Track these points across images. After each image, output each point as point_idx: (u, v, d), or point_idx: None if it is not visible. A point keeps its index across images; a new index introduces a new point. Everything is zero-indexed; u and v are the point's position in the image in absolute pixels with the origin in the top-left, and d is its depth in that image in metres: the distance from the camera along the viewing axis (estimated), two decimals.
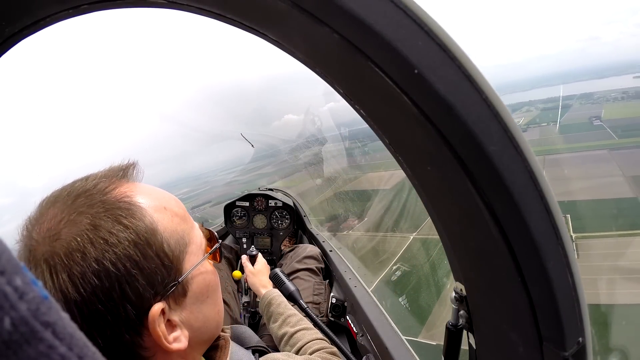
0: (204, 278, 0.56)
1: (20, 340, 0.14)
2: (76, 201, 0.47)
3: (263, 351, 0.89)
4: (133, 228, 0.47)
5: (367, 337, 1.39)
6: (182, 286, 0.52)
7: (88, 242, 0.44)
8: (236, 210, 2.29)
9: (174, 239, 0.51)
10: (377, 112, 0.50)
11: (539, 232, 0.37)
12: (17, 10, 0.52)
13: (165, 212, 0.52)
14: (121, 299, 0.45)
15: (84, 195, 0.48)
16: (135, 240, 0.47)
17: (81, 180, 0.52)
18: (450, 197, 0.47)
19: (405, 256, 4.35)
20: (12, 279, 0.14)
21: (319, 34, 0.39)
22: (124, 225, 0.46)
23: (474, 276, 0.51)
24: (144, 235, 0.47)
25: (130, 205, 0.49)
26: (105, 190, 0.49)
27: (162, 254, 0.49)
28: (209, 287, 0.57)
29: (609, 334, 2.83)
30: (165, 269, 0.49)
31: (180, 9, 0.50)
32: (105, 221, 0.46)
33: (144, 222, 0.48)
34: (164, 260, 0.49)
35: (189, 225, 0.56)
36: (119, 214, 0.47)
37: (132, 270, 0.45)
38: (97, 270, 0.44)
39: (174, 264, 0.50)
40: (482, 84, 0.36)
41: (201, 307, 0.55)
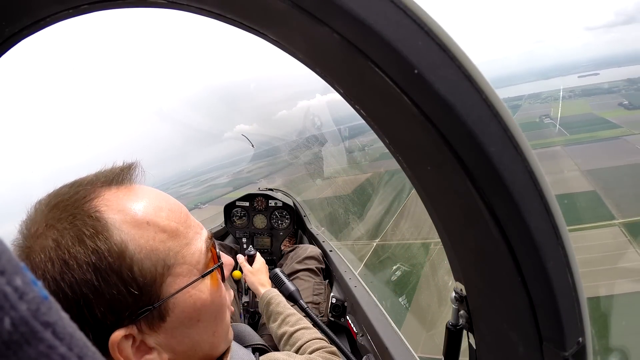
0: (194, 302, 0.50)
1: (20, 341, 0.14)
2: (51, 212, 0.45)
3: (263, 349, 0.89)
4: (95, 250, 0.43)
5: (367, 337, 1.39)
6: (159, 312, 0.47)
7: (49, 260, 0.42)
8: (236, 210, 2.29)
9: (150, 260, 0.46)
10: (377, 112, 0.50)
11: (539, 232, 0.37)
12: (17, 10, 0.52)
13: (147, 228, 0.47)
14: (80, 322, 0.43)
15: (59, 206, 0.45)
16: (96, 264, 0.42)
17: (67, 185, 0.49)
18: (450, 197, 0.47)
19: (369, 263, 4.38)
20: (12, 279, 0.14)
21: (319, 34, 0.39)
22: (84, 247, 0.42)
23: (474, 276, 0.51)
24: (107, 259, 0.43)
25: (97, 222, 0.44)
26: (82, 200, 0.46)
27: (129, 279, 0.44)
28: (201, 311, 0.51)
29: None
30: (132, 296, 0.44)
31: (180, 9, 0.50)
32: (67, 239, 0.43)
33: (110, 243, 0.44)
34: (131, 287, 0.44)
35: (182, 241, 0.50)
36: (84, 233, 0.43)
37: (90, 295, 0.42)
38: (55, 290, 0.41)
39: (144, 290, 0.45)
40: (482, 84, 0.36)
41: (188, 331, 0.50)
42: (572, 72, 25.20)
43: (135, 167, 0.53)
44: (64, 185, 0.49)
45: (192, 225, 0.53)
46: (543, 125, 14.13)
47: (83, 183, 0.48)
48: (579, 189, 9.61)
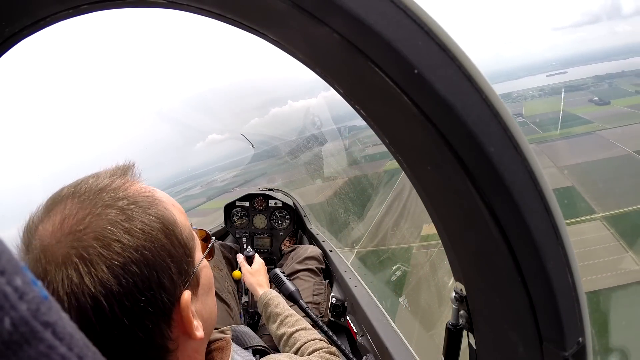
0: (207, 270, 0.58)
1: (20, 341, 0.14)
2: (99, 195, 0.48)
3: (263, 351, 0.89)
4: (162, 218, 0.49)
5: (367, 337, 1.39)
6: (196, 276, 0.54)
7: (125, 232, 0.45)
8: (236, 210, 2.29)
9: (186, 232, 0.53)
10: (377, 112, 0.50)
11: (539, 232, 0.37)
12: (17, 10, 0.52)
13: (175, 207, 0.54)
14: (159, 288, 0.46)
15: (106, 190, 0.49)
16: (165, 230, 0.48)
17: (92, 177, 0.52)
18: (450, 197, 0.47)
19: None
20: (12, 279, 0.14)
21: (319, 34, 0.39)
22: (154, 216, 0.48)
23: (474, 276, 0.51)
24: (171, 226, 0.49)
25: (154, 199, 0.50)
26: (124, 185, 0.50)
27: (184, 243, 0.51)
28: (210, 279, 0.59)
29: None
30: (188, 258, 0.51)
31: (180, 9, 0.50)
32: (136, 212, 0.47)
33: (167, 213, 0.50)
34: (186, 250, 0.51)
35: (189, 222, 0.58)
36: (146, 206, 0.48)
37: (167, 258, 0.47)
38: (138, 259, 0.44)
39: (191, 255, 0.53)
40: (482, 84, 0.36)
41: (207, 299, 0.58)
42: (541, 71, 25.59)
43: (133, 167, 0.57)
44: (87, 177, 0.52)
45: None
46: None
47: (108, 174, 0.52)
48: (557, 185, 9.64)
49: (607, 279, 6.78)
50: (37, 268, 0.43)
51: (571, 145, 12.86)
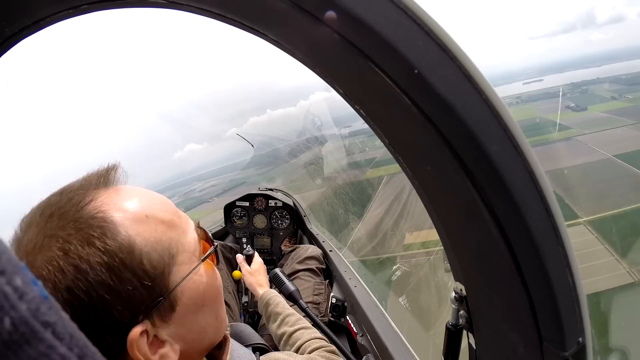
0: (197, 287, 0.51)
1: (20, 341, 0.14)
2: (49, 222, 0.44)
3: (264, 349, 0.89)
4: (106, 249, 0.43)
5: (367, 337, 1.39)
6: (169, 302, 0.48)
7: (59, 270, 0.41)
8: (236, 210, 2.29)
9: (157, 252, 0.47)
10: (377, 112, 0.50)
11: (539, 232, 0.37)
12: (17, 10, 0.52)
13: (147, 221, 0.48)
14: (97, 328, 0.42)
15: (57, 214, 0.45)
16: (109, 263, 0.43)
17: (56, 194, 0.48)
18: (450, 198, 0.47)
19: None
20: (12, 279, 0.14)
21: (319, 34, 0.39)
22: (95, 248, 0.42)
23: (474, 276, 0.51)
24: (118, 257, 0.43)
25: (103, 222, 0.44)
26: (78, 205, 0.45)
27: (141, 272, 0.45)
28: (204, 295, 0.53)
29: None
30: (145, 289, 0.45)
31: (180, 9, 0.50)
32: (75, 245, 0.42)
33: (119, 240, 0.44)
34: (144, 280, 0.45)
35: (179, 230, 0.51)
36: (91, 234, 0.43)
37: (107, 296, 0.42)
38: (69, 300, 0.41)
39: (156, 282, 0.46)
40: (482, 84, 0.36)
41: (196, 317, 0.52)
42: (518, 80, 26.02)
43: (117, 168, 0.53)
44: (52, 195, 0.48)
45: (182, 216, 0.55)
46: None
47: (74, 189, 0.48)
48: None
49: (597, 282, 6.80)
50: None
51: (551, 151, 13.00)
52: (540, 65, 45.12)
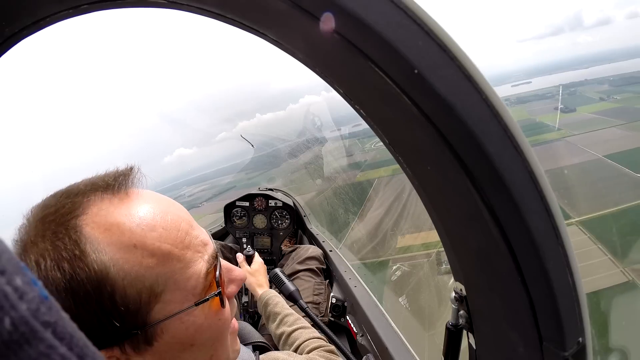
0: (186, 327, 0.46)
1: (21, 341, 0.14)
2: (36, 227, 0.42)
3: (264, 347, 0.89)
4: (72, 277, 0.39)
5: (367, 337, 1.39)
6: (145, 337, 0.44)
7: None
8: (236, 210, 2.29)
9: (134, 288, 0.42)
10: (377, 112, 0.50)
11: (539, 232, 0.37)
12: (17, 10, 0.52)
13: (134, 251, 0.42)
14: None
15: (43, 220, 0.42)
16: (74, 290, 0.39)
17: (53, 196, 0.45)
18: (450, 197, 0.47)
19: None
20: (12, 279, 0.14)
21: (319, 34, 0.39)
22: (62, 272, 0.39)
23: (474, 276, 0.51)
24: (84, 287, 0.39)
25: (76, 245, 0.40)
26: (67, 215, 0.42)
27: (109, 307, 0.40)
28: (194, 337, 0.47)
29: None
30: (111, 326, 0.41)
31: (180, 9, 0.50)
32: (47, 262, 0.40)
33: (89, 270, 0.40)
34: (112, 315, 0.41)
35: (178, 265, 0.45)
36: (62, 257, 0.40)
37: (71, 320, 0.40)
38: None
39: (126, 318, 0.42)
40: (482, 84, 0.36)
41: (179, 354, 0.47)
42: (506, 82, 26.31)
43: (132, 172, 0.48)
44: (54, 194, 0.46)
45: (191, 245, 0.47)
46: None
47: (72, 193, 0.44)
48: None
49: (592, 282, 6.82)
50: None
51: (541, 152, 13.14)
52: (529, 68, 45.69)
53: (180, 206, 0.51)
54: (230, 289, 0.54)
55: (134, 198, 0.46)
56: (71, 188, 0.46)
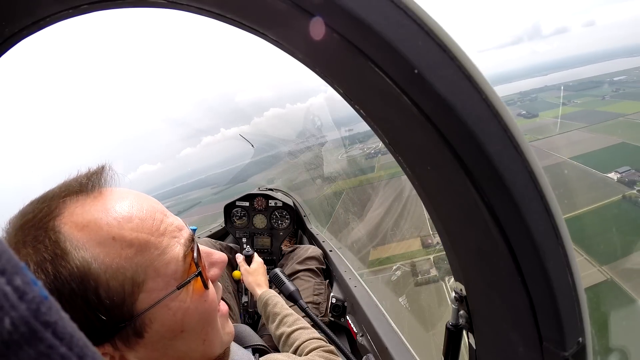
0: (173, 313, 0.47)
1: (20, 341, 0.14)
2: (16, 235, 0.43)
3: (263, 350, 0.89)
4: (56, 276, 0.40)
5: (367, 337, 1.39)
6: (134, 329, 0.44)
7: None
8: (236, 210, 2.29)
9: (116, 280, 0.43)
10: (377, 112, 0.50)
11: (539, 232, 0.37)
12: (17, 10, 0.52)
13: (113, 244, 0.43)
14: None
15: (23, 227, 0.43)
16: (59, 290, 0.40)
17: (31, 203, 0.46)
18: (450, 197, 0.47)
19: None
20: (12, 279, 0.14)
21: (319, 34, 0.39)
22: (46, 274, 0.40)
23: (474, 276, 0.51)
24: (69, 285, 0.40)
25: (59, 245, 0.41)
26: (45, 218, 0.43)
27: (95, 302, 0.41)
28: (183, 322, 0.48)
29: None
30: (99, 321, 0.42)
31: (180, 9, 0.50)
32: (30, 265, 0.40)
33: (72, 267, 0.41)
34: (98, 310, 0.42)
35: (155, 252, 0.46)
36: (45, 258, 0.40)
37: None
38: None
39: (112, 311, 0.43)
40: (482, 84, 0.36)
41: (172, 343, 0.48)
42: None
43: (104, 170, 0.49)
44: (30, 202, 0.46)
45: (167, 231, 0.49)
46: None
47: (48, 198, 0.45)
48: None
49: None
50: None
51: None
52: (491, 77, 47.32)
53: (153, 199, 0.53)
54: (212, 272, 0.55)
55: (108, 195, 0.47)
56: (46, 193, 0.47)
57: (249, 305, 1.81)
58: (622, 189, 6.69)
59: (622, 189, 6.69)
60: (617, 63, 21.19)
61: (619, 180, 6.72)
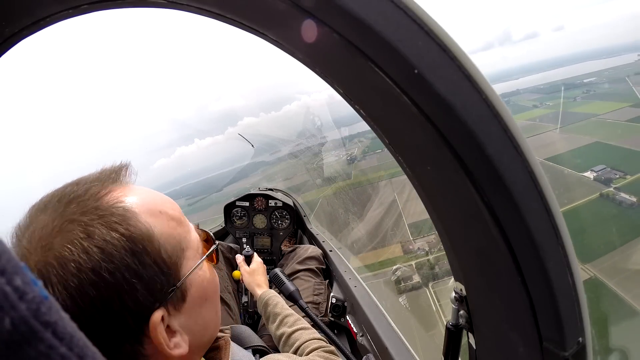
0: (201, 282, 0.54)
1: (20, 341, 0.14)
2: (68, 208, 0.45)
3: (263, 351, 0.89)
4: (129, 235, 0.45)
5: (367, 337, 1.39)
6: (181, 292, 0.50)
7: (83, 251, 0.42)
8: (236, 210, 2.29)
9: (170, 244, 0.49)
10: (377, 112, 0.50)
11: (539, 232, 0.37)
12: (17, 10, 0.52)
13: (161, 216, 0.50)
14: (121, 309, 0.43)
15: (76, 201, 0.46)
16: (132, 248, 0.45)
17: (72, 184, 0.49)
18: (450, 197, 0.47)
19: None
20: (12, 279, 0.14)
21: (319, 34, 0.39)
22: (119, 233, 0.44)
23: (474, 276, 0.51)
24: (140, 243, 0.45)
25: (124, 211, 0.46)
26: (97, 195, 0.47)
27: (160, 260, 0.47)
28: (207, 291, 0.55)
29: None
30: (164, 276, 0.47)
31: (180, 9, 0.50)
32: (99, 229, 0.44)
33: (140, 229, 0.46)
34: (162, 267, 0.47)
35: (185, 228, 0.54)
36: (114, 221, 0.45)
37: (131, 279, 0.44)
38: (95, 281, 0.42)
39: (171, 270, 0.49)
40: (482, 84, 0.36)
41: (200, 311, 0.54)
42: None
43: (128, 167, 0.54)
44: (67, 185, 0.49)
45: (184, 216, 0.57)
46: None
47: (89, 180, 0.49)
48: None
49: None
50: None
51: None
52: None
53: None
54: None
55: (136, 187, 0.53)
56: (85, 177, 0.51)
57: (249, 305, 1.81)
58: (599, 187, 6.68)
59: (599, 187, 6.68)
60: (586, 65, 21.21)
61: (596, 179, 6.72)
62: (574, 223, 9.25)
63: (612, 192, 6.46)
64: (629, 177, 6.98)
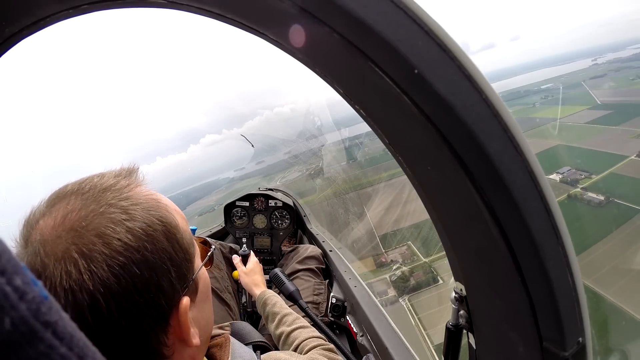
0: (206, 278, 0.58)
1: (20, 341, 0.14)
2: (103, 194, 0.47)
3: (264, 347, 0.89)
4: (164, 221, 0.48)
5: (367, 337, 1.39)
6: (195, 283, 0.53)
7: (127, 231, 0.44)
8: (236, 210, 2.29)
9: (187, 237, 0.53)
10: (377, 112, 0.50)
11: (539, 232, 0.37)
12: (17, 10, 0.52)
13: (175, 213, 0.53)
14: (157, 291, 0.45)
15: (110, 189, 0.48)
16: (167, 233, 0.48)
17: (98, 176, 0.51)
18: (450, 197, 0.47)
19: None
20: (12, 279, 0.14)
21: (319, 34, 0.39)
22: (157, 218, 0.47)
23: (474, 276, 0.51)
24: (173, 229, 0.49)
25: (157, 202, 0.50)
26: (129, 186, 0.50)
27: (185, 248, 0.50)
28: (208, 287, 0.59)
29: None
30: (188, 263, 0.50)
31: (180, 9, 0.50)
32: (139, 213, 0.46)
33: (170, 219, 0.49)
34: (186, 255, 0.50)
35: (189, 229, 0.58)
36: (149, 208, 0.48)
37: (168, 261, 0.46)
38: (139, 259, 0.43)
39: (191, 260, 0.52)
40: (482, 84, 0.36)
41: (205, 306, 0.57)
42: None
43: (137, 171, 0.56)
44: (92, 176, 0.51)
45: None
46: (389, 156, 15.58)
47: (113, 175, 0.51)
48: None
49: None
50: (35, 261, 0.42)
51: None
52: None
53: None
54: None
55: (149, 189, 0.55)
56: (103, 173, 0.52)
57: (248, 305, 1.81)
58: (566, 189, 6.67)
59: (566, 189, 6.67)
60: (543, 72, 21.21)
61: (562, 181, 6.72)
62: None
63: (579, 192, 6.45)
64: (594, 176, 6.98)
